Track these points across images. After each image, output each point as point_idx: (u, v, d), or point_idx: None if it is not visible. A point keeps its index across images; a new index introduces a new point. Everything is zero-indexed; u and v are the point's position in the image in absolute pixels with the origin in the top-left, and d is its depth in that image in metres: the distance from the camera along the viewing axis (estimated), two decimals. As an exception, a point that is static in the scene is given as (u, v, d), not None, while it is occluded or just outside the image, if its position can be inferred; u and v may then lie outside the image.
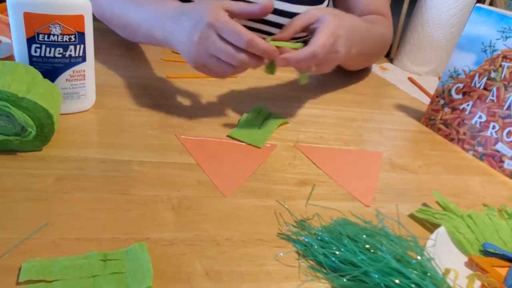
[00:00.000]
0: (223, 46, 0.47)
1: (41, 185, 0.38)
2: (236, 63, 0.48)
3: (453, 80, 0.63)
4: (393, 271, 0.33)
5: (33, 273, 0.29)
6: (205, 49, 0.48)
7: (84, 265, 0.31)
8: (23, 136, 0.41)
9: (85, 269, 0.30)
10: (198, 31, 0.47)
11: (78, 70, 0.48)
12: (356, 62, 0.77)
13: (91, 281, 0.30)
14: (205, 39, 0.47)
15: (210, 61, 0.49)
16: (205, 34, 0.47)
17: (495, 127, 0.57)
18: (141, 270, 0.31)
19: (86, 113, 0.52)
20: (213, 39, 0.47)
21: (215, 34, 0.47)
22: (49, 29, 0.44)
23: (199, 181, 0.43)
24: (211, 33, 0.47)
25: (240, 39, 0.46)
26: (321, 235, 0.38)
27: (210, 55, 0.48)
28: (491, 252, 0.40)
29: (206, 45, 0.47)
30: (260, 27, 0.79)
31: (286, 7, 0.77)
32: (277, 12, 0.78)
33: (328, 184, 0.47)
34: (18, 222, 0.34)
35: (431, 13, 0.88)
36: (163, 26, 0.52)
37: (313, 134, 0.58)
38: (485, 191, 0.52)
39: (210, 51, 0.48)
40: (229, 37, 0.47)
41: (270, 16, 0.78)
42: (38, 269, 0.30)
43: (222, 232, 0.37)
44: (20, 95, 0.39)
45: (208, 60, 0.49)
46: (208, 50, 0.48)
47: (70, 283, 0.29)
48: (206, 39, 0.47)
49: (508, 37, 0.56)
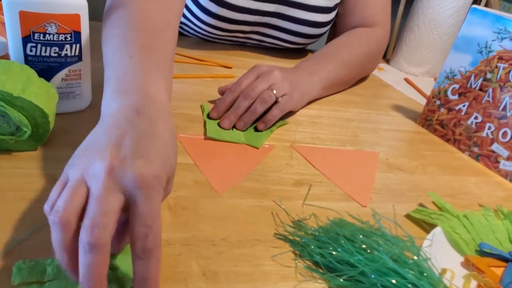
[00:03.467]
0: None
1: (36, 185, 0.38)
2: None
3: (449, 81, 0.63)
4: (389, 271, 0.33)
5: (25, 275, 0.29)
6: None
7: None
8: (18, 135, 0.41)
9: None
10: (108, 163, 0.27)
11: (74, 70, 0.48)
12: (340, 85, 0.74)
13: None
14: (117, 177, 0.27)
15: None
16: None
17: (490, 127, 0.58)
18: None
19: (82, 112, 0.51)
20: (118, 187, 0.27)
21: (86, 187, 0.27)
22: (44, 28, 0.44)
23: (196, 181, 0.43)
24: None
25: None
26: (318, 235, 0.38)
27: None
28: (487, 252, 0.40)
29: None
30: (268, 20, 0.78)
31: (296, 14, 0.77)
32: (290, 19, 0.77)
33: (324, 184, 0.47)
34: (12, 222, 0.34)
35: (427, 14, 0.88)
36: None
37: (310, 134, 0.58)
38: (481, 192, 0.53)
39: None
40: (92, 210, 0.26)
41: (284, 23, 0.78)
42: (30, 271, 0.29)
43: (219, 232, 0.37)
44: (15, 94, 0.39)
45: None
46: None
47: (63, 283, 0.29)
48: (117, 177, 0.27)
49: (503, 38, 0.56)
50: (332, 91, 0.72)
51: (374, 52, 0.78)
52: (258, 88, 0.54)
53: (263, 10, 0.75)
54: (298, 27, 0.79)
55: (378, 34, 0.79)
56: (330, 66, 0.68)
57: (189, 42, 0.84)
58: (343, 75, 0.72)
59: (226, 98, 0.55)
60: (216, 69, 0.74)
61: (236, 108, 0.54)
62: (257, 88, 0.54)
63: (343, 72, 0.71)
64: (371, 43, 0.77)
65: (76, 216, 0.26)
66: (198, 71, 0.71)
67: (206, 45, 0.84)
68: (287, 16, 0.77)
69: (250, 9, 0.74)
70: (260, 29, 0.80)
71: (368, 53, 0.77)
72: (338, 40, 0.76)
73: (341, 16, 0.83)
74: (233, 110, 0.54)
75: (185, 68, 0.72)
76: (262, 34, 0.82)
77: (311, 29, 0.79)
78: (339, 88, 0.74)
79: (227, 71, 0.74)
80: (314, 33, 0.81)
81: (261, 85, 0.55)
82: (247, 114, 0.54)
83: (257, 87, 0.54)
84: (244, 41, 0.85)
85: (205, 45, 0.84)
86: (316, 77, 0.65)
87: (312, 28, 0.79)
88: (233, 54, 0.82)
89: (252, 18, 0.76)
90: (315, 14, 0.77)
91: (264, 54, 0.86)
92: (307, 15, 0.77)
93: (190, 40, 0.85)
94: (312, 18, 0.77)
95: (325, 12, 0.78)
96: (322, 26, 0.80)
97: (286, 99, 0.57)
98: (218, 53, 0.81)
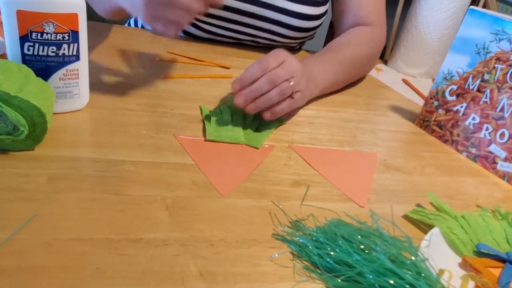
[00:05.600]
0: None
1: (33, 185, 0.38)
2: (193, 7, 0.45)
3: (447, 82, 0.63)
4: (387, 271, 0.33)
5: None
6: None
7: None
8: (15, 135, 0.40)
9: None
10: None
11: (71, 69, 0.48)
12: (337, 87, 0.75)
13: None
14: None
15: (165, 8, 0.46)
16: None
17: (488, 128, 0.58)
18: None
19: (80, 112, 0.51)
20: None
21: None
22: (42, 28, 0.44)
23: (194, 181, 0.43)
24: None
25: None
26: (316, 236, 0.38)
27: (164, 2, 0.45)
28: (484, 253, 0.40)
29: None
30: (256, 23, 0.79)
31: (289, 6, 0.77)
32: (278, 10, 0.78)
33: (322, 185, 0.47)
34: (9, 222, 0.33)
35: (425, 16, 0.88)
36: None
37: (308, 134, 0.58)
38: (479, 192, 0.53)
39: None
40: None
41: (271, 14, 0.79)
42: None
43: (217, 232, 0.37)
44: (12, 94, 0.38)
45: (162, 7, 0.46)
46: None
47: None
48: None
49: (501, 40, 0.56)
50: (328, 91, 0.72)
51: (373, 52, 0.79)
52: (282, 76, 0.53)
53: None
54: (287, 19, 0.80)
55: (376, 34, 0.79)
56: (333, 67, 0.68)
57: (187, 42, 0.84)
58: (343, 76, 0.72)
59: (253, 74, 0.53)
60: (214, 69, 0.74)
61: (256, 89, 0.53)
62: (281, 76, 0.53)
63: (344, 73, 0.72)
64: (372, 43, 0.78)
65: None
66: (196, 71, 0.71)
67: (203, 45, 0.84)
68: (275, 7, 0.79)
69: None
70: (250, 20, 0.81)
71: (369, 53, 0.78)
72: (341, 39, 0.76)
73: (337, 16, 0.84)
74: (252, 90, 0.53)
75: (183, 68, 0.72)
76: (253, 27, 0.82)
77: (300, 22, 0.81)
78: (335, 89, 0.74)
79: (225, 71, 0.74)
80: (304, 26, 0.82)
81: (284, 74, 0.54)
82: (263, 99, 0.53)
83: (281, 75, 0.53)
84: (238, 36, 0.85)
85: (202, 45, 0.84)
86: (320, 78, 0.65)
87: (301, 20, 0.80)
88: (231, 54, 0.82)
89: (234, 3, 0.77)
90: (302, 6, 0.79)
91: (261, 53, 0.86)
92: (294, 6, 0.79)
93: (187, 41, 0.85)
94: (299, 9, 0.79)
95: (313, 5, 0.80)
96: (311, 19, 0.81)
97: (299, 96, 0.57)
98: (215, 53, 0.81)
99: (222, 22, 0.81)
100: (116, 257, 0.32)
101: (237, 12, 0.79)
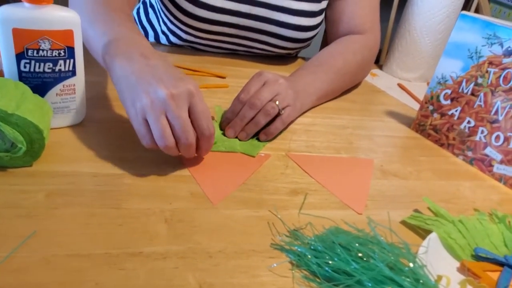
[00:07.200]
0: (184, 117, 0.42)
1: (32, 201, 0.38)
2: (184, 140, 0.43)
3: (441, 86, 0.64)
4: (386, 279, 0.34)
5: None
6: (165, 106, 0.41)
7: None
8: (13, 152, 0.41)
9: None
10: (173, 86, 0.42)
11: (68, 84, 0.48)
12: (333, 95, 0.75)
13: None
14: (177, 97, 0.42)
15: (160, 119, 0.41)
16: (180, 92, 0.42)
17: (483, 131, 0.58)
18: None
19: (77, 127, 0.51)
20: (182, 103, 0.42)
21: (187, 101, 0.42)
22: (38, 45, 0.44)
23: (192, 192, 0.43)
24: (184, 96, 0.42)
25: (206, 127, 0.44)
26: (314, 245, 0.38)
27: (161, 113, 0.42)
28: (482, 256, 0.40)
29: (172, 103, 0.41)
30: (252, 24, 0.79)
31: (287, 19, 0.77)
32: (276, 23, 0.78)
33: (320, 193, 0.47)
34: (7, 239, 0.34)
35: (418, 20, 0.89)
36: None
37: (304, 142, 0.58)
38: (475, 196, 0.53)
39: (170, 110, 0.41)
40: (197, 116, 0.43)
41: (269, 27, 0.79)
42: None
43: (215, 244, 0.37)
44: (9, 111, 0.39)
45: (157, 118, 0.41)
46: (169, 108, 0.41)
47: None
48: (178, 97, 0.42)
49: (493, 44, 0.57)
50: (324, 100, 0.72)
51: (367, 59, 0.79)
52: (263, 97, 0.54)
53: (240, 11, 0.76)
54: (285, 31, 0.80)
55: (370, 41, 0.79)
56: (325, 76, 0.69)
57: (183, 53, 0.84)
58: (337, 85, 0.73)
59: (235, 109, 0.55)
60: (210, 79, 0.74)
61: (241, 118, 0.54)
62: (262, 97, 0.54)
63: (338, 82, 0.72)
64: (365, 51, 0.78)
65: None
66: (193, 82, 0.72)
67: (199, 55, 0.85)
68: (273, 20, 0.78)
69: (226, 9, 0.76)
70: (247, 33, 0.81)
71: (362, 61, 0.78)
72: (332, 47, 0.76)
73: (330, 24, 0.84)
74: (238, 120, 0.55)
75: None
76: (250, 39, 0.83)
77: (297, 33, 0.80)
78: (331, 97, 0.75)
79: (221, 81, 0.74)
80: (301, 37, 0.82)
81: (266, 94, 0.55)
82: (250, 125, 0.54)
83: (262, 96, 0.54)
84: (234, 48, 0.86)
85: (198, 55, 0.84)
86: (312, 88, 0.66)
87: (299, 32, 0.80)
88: (227, 64, 0.83)
89: (232, 19, 0.77)
90: (299, 18, 0.78)
91: (257, 62, 0.87)
92: (292, 19, 0.78)
93: (183, 51, 0.85)
94: (297, 22, 0.79)
95: (310, 16, 0.79)
96: (308, 30, 0.81)
97: (289, 110, 0.57)
98: (211, 63, 0.82)
99: (219, 36, 0.81)
100: (115, 272, 0.32)
101: (235, 27, 0.79)
